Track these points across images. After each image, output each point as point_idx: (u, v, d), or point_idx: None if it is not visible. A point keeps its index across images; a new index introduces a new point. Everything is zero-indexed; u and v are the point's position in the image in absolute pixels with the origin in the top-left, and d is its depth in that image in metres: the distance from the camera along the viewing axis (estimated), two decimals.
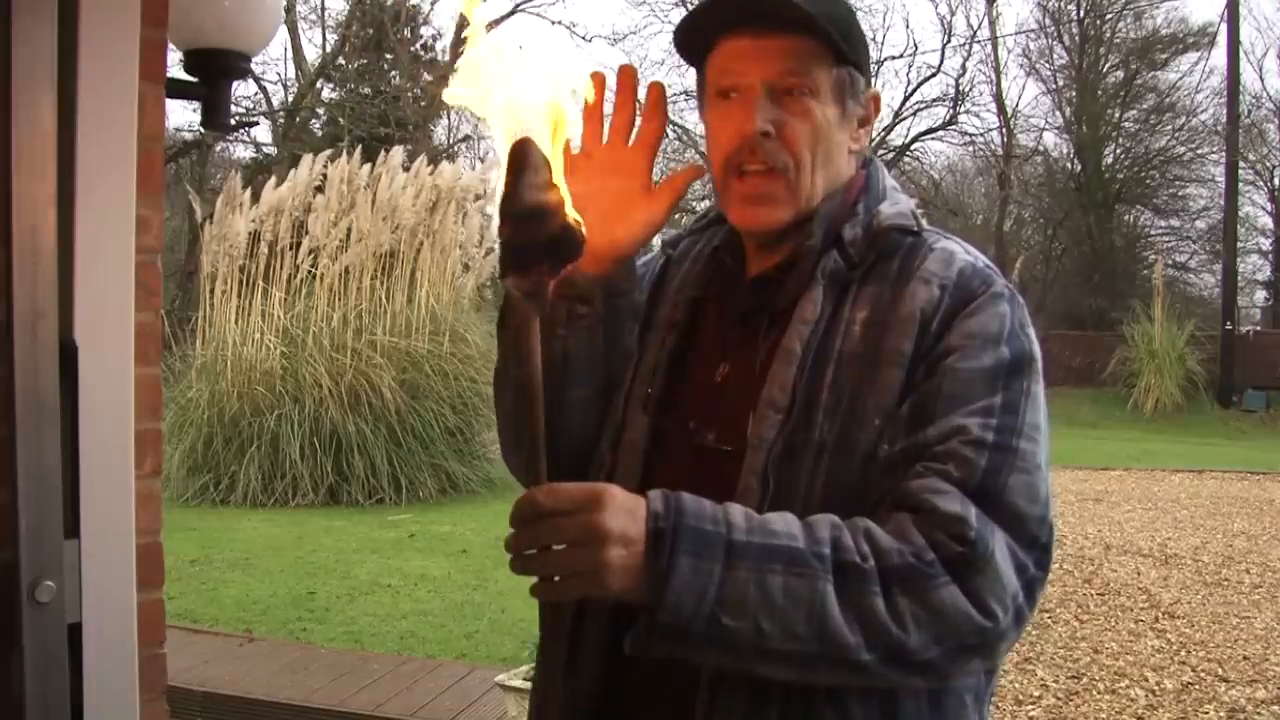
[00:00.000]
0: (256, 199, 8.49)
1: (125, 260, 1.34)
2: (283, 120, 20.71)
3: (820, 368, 1.01)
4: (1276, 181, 23.23)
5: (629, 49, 23.20)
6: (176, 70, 1.76)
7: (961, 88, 23.41)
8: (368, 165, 8.70)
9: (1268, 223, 23.77)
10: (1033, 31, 24.05)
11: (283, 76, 22.30)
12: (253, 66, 2.69)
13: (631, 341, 1.15)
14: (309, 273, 8.52)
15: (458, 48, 21.99)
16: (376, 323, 8.38)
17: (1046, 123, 24.74)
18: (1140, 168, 23.13)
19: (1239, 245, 20.11)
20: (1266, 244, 23.80)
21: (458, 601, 5.25)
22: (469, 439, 8.64)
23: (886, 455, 0.97)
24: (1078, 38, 23.41)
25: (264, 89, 21.22)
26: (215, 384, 8.13)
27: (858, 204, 1.08)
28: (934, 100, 23.59)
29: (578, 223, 0.88)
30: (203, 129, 3.78)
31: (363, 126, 18.01)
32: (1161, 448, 12.43)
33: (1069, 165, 23.82)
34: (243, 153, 21.27)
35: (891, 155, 22.28)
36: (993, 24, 23.59)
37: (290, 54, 21.45)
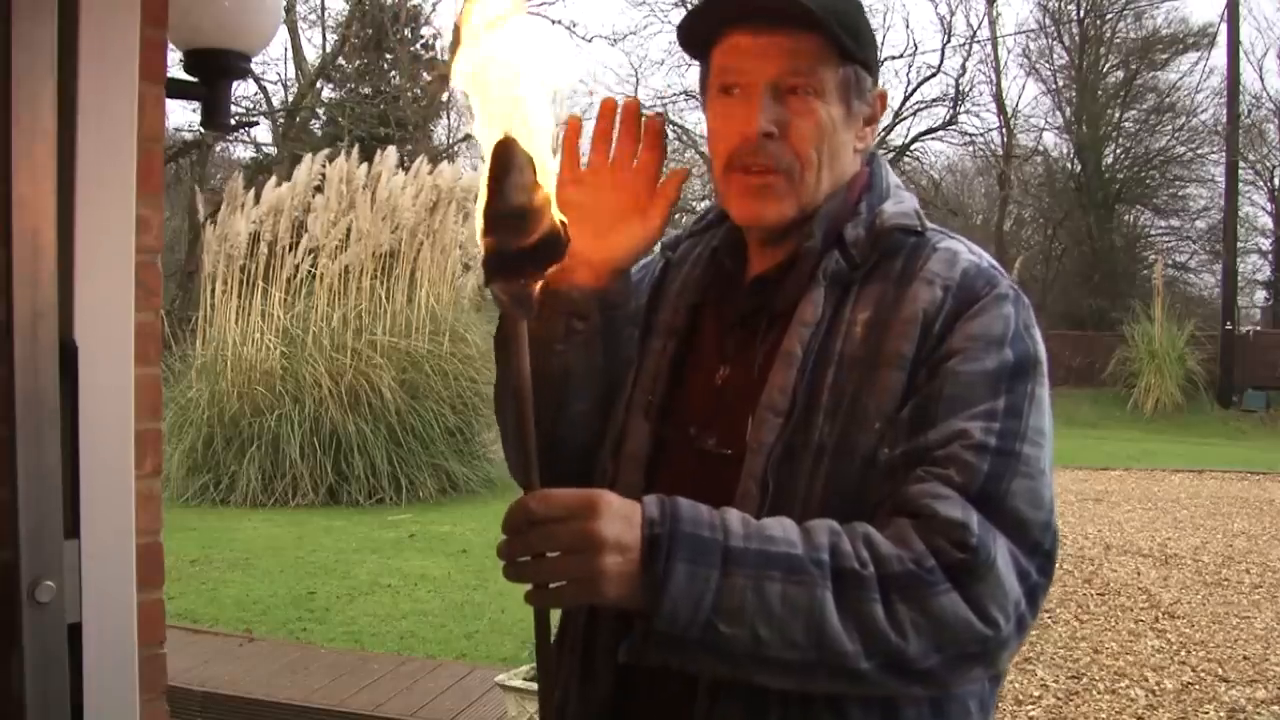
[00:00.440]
0: (258, 199, 8.50)
1: (125, 260, 1.33)
2: (283, 120, 20.71)
3: (821, 370, 0.99)
4: (1276, 181, 23.23)
5: (629, 49, 23.21)
6: (176, 70, 1.76)
7: (961, 88, 23.43)
8: (366, 165, 8.70)
9: (1268, 223, 23.79)
10: (1033, 31, 24.08)
11: (283, 76, 22.32)
12: (253, 66, 2.69)
13: (631, 348, 1.13)
14: (309, 273, 8.52)
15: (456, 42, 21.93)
16: (376, 323, 8.38)
17: (1046, 123, 24.78)
18: (1140, 168, 23.13)
19: (1239, 245, 20.12)
20: (1266, 244, 23.81)
21: (458, 601, 5.25)
22: (469, 439, 8.64)
23: (887, 459, 0.96)
24: (1078, 38, 23.40)
25: (264, 89, 21.23)
26: (215, 384, 8.13)
27: (860, 202, 1.06)
28: (934, 100, 23.61)
29: (563, 224, 0.87)
30: (203, 129, 3.78)
31: (362, 126, 18.01)
32: (1161, 448, 12.42)
33: (1069, 165, 23.82)
34: (243, 153, 21.29)
35: (891, 155, 22.26)
36: (993, 24, 23.61)
37: (290, 54, 21.47)
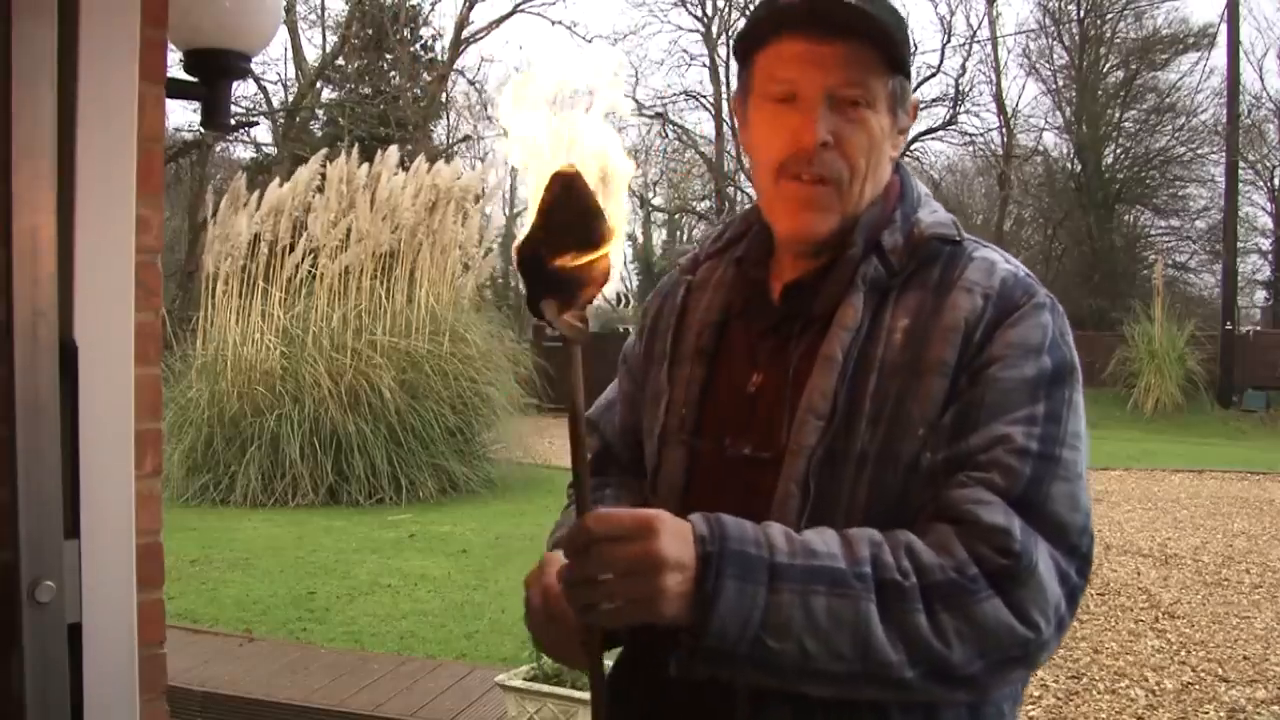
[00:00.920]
0: (259, 200, 8.50)
1: (125, 260, 1.34)
2: (283, 120, 20.71)
3: (862, 375, 1.00)
4: (1276, 181, 23.25)
5: (629, 49, 23.22)
6: (176, 70, 1.76)
7: (961, 88, 23.45)
8: (366, 165, 8.70)
9: (1268, 223, 23.81)
10: (1033, 31, 24.11)
11: (283, 76, 22.35)
12: (253, 66, 2.69)
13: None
14: (309, 273, 8.52)
15: (458, 46, 22.03)
16: (376, 323, 8.38)
17: (1046, 123, 24.81)
18: (1140, 168, 23.14)
19: (1239, 245, 20.12)
20: (1266, 244, 23.82)
21: (458, 601, 5.25)
22: (469, 439, 8.65)
23: (928, 463, 0.97)
24: (1078, 38, 23.41)
25: (264, 89, 21.26)
26: (215, 384, 8.13)
27: (895, 210, 1.07)
28: (934, 100, 23.59)
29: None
30: (203, 129, 3.78)
31: (362, 126, 18.02)
32: (1161, 448, 12.43)
33: (1069, 165, 23.83)
34: (243, 153, 21.30)
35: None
36: (993, 24, 23.63)
37: (290, 54, 21.49)
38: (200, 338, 8.51)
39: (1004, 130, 24.03)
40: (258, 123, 21.70)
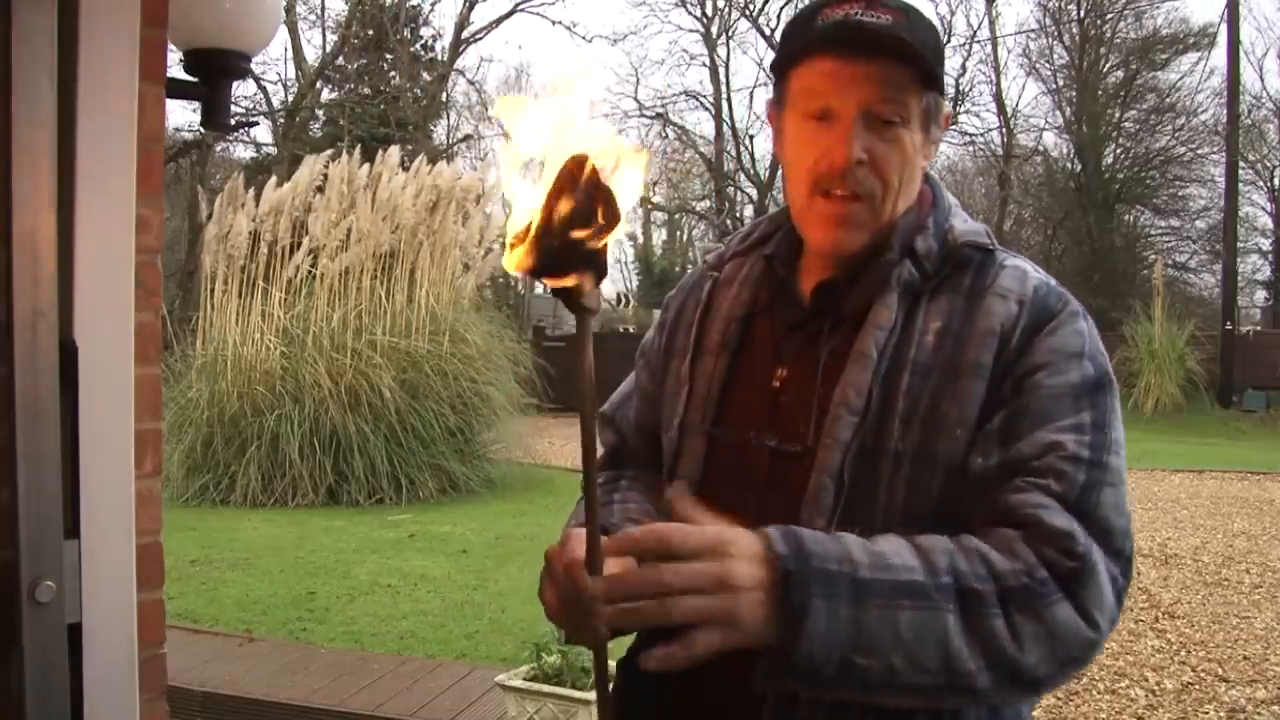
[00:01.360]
0: (258, 199, 8.50)
1: (125, 260, 1.34)
2: (283, 120, 20.71)
3: (895, 374, 1.01)
4: (1276, 181, 23.24)
5: (629, 49, 23.22)
6: (176, 70, 1.76)
7: (961, 88, 23.43)
8: (367, 165, 8.70)
9: (1268, 223, 23.80)
10: (1033, 31, 24.09)
11: (283, 76, 22.36)
12: (253, 66, 2.69)
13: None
14: (309, 273, 8.52)
15: (458, 46, 22.04)
16: (376, 323, 8.38)
17: (1046, 123, 24.80)
18: (1140, 168, 23.13)
19: (1239, 245, 20.11)
20: (1266, 244, 23.81)
21: (458, 601, 5.25)
22: (469, 439, 8.64)
23: (980, 469, 0.97)
24: (1078, 38, 23.40)
25: (264, 89, 21.26)
26: (215, 384, 8.13)
27: (929, 218, 1.09)
28: None
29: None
30: (203, 129, 3.78)
31: (362, 126, 18.02)
32: (1161, 448, 12.42)
33: (1069, 165, 23.82)
34: (243, 153, 21.30)
35: None
36: (993, 24, 23.65)
37: (290, 54, 21.49)
38: (200, 338, 8.50)
39: (1004, 130, 24.04)
40: (258, 123, 21.73)
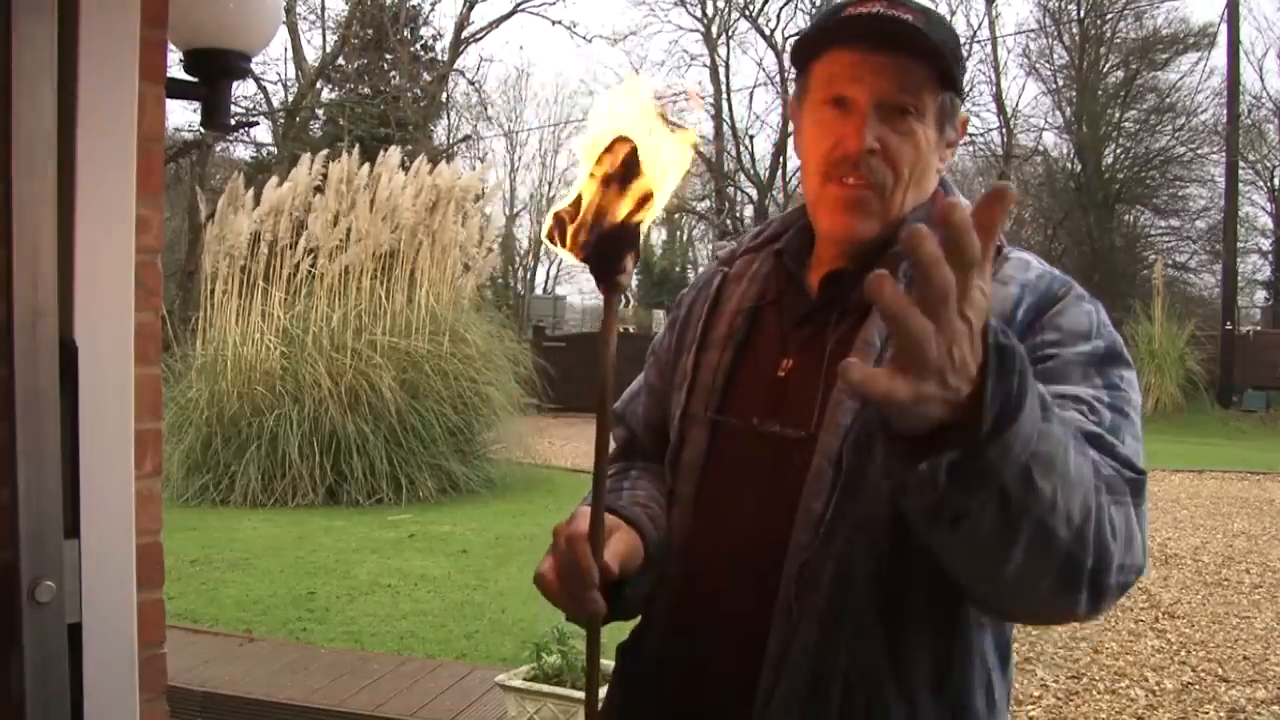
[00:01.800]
0: (258, 199, 8.50)
1: (125, 260, 1.34)
2: (283, 120, 20.71)
3: None
4: (1276, 181, 23.24)
5: (629, 49, 23.23)
6: (176, 70, 1.76)
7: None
8: (367, 165, 8.70)
9: (1268, 223, 23.79)
10: (1033, 31, 24.07)
11: (283, 76, 22.33)
12: (253, 66, 2.69)
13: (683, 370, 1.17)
14: (309, 273, 8.52)
15: (458, 46, 22.03)
16: (376, 323, 8.38)
17: (1046, 123, 24.76)
18: (1140, 168, 23.12)
19: (1239, 245, 20.13)
20: (1266, 244, 23.80)
21: (458, 601, 5.25)
22: (469, 439, 8.64)
23: None
24: (1078, 38, 23.40)
25: (264, 89, 21.25)
26: (215, 384, 8.12)
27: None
28: None
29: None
30: (203, 129, 3.78)
31: (362, 126, 18.01)
32: (1161, 448, 12.40)
33: (1069, 165, 23.82)
34: (243, 153, 21.30)
35: None
36: (993, 24, 23.61)
37: (290, 54, 21.48)
38: (200, 338, 8.50)
39: (1004, 130, 24.02)
40: (258, 123, 21.72)
